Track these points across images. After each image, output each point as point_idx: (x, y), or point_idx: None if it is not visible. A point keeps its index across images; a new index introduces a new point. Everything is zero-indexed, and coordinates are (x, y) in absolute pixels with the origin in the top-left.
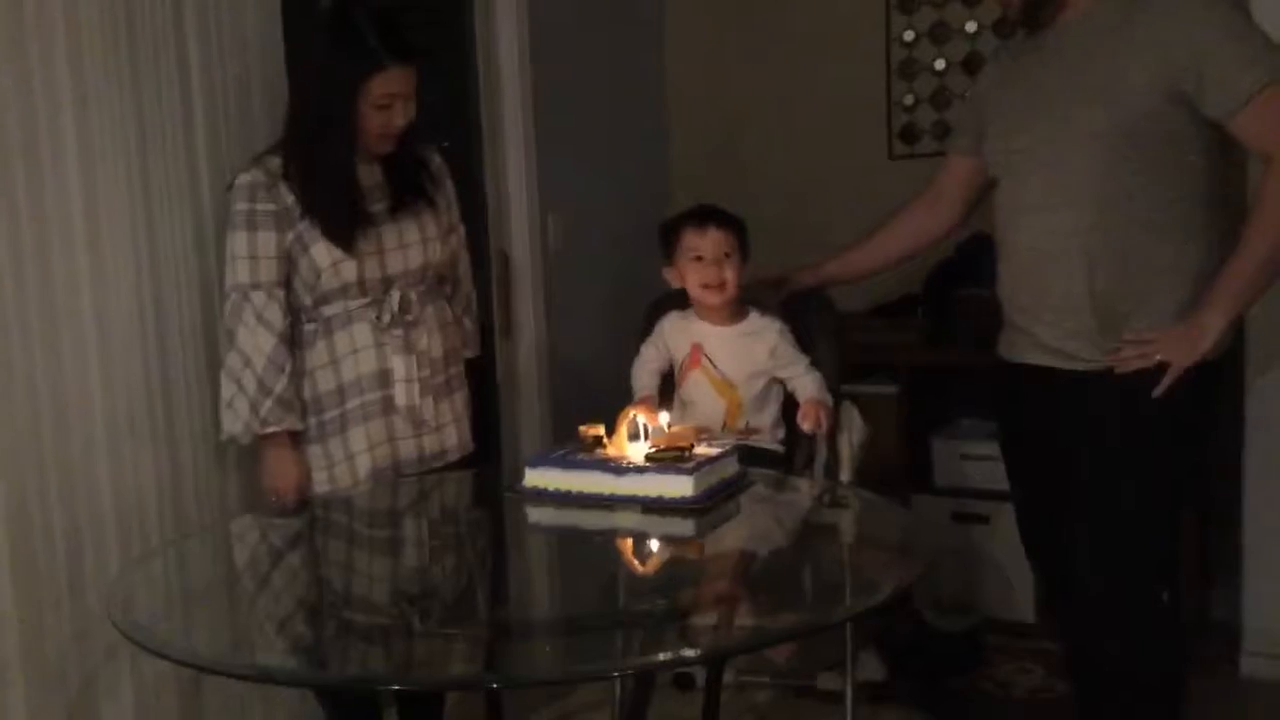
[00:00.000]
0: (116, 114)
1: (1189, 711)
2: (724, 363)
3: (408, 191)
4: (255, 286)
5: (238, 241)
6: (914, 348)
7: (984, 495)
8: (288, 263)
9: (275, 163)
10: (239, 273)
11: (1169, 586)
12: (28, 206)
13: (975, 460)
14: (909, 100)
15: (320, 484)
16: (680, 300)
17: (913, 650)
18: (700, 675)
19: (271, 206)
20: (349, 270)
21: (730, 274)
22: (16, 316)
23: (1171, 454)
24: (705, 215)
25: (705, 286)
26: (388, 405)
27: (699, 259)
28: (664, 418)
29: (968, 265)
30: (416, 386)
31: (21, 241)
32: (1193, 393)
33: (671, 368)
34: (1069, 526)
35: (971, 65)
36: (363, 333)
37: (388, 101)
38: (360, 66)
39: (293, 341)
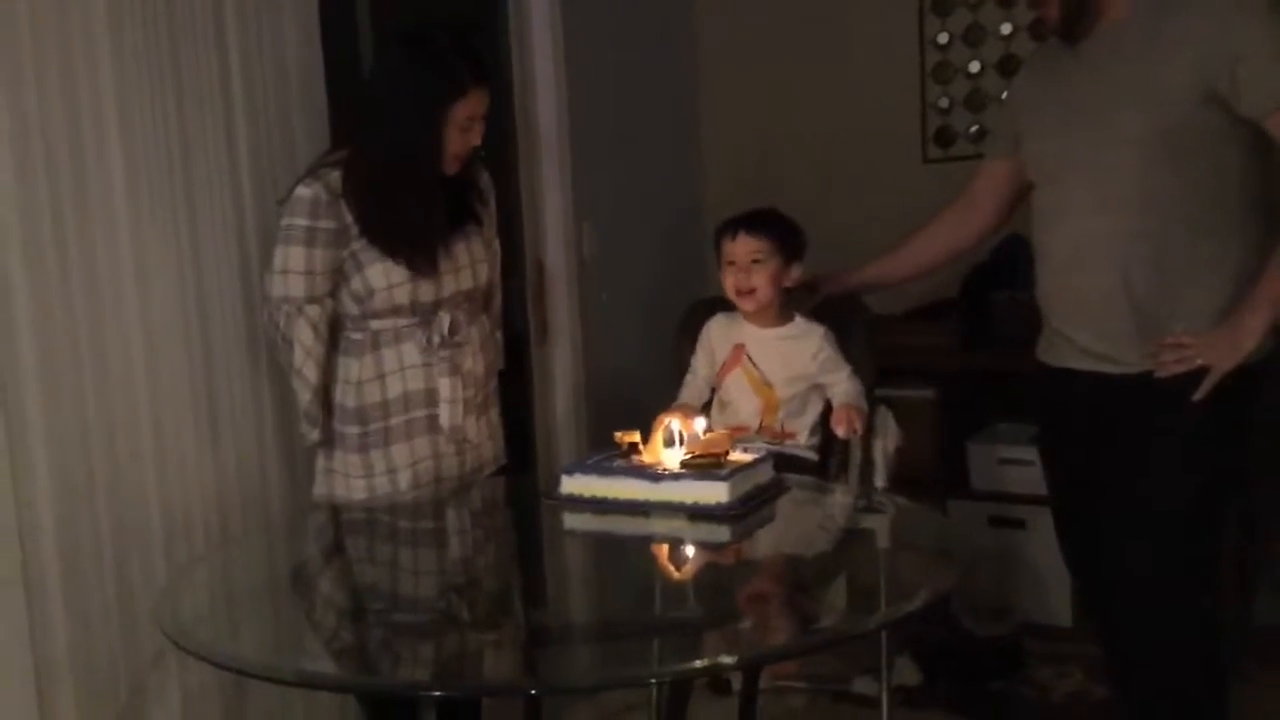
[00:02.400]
0: (160, 130)
1: (1231, 717)
2: (764, 364)
3: (462, 215)
4: (311, 301)
5: (294, 256)
6: (950, 351)
7: (1021, 500)
8: (338, 276)
9: (334, 178)
10: (293, 287)
11: (1209, 592)
12: (74, 222)
13: (1012, 464)
14: (944, 103)
15: (357, 491)
16: (727, 303)
17: (949, 655)
18: (736, 680)
19: (332, 224)
20: (403, 294)
21: (760, 280)
22: (65, 330)
23: (1212, 458)
24: (737, 221)
25: (737, 293)
26: (433, 423)
27: (731, 264)
28: (699, 424)
29: (1004, 268)
30: (461, 407)
31: (68, 256)
32: (1233, 396)
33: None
34: (1108, 531)
35: (1006, 67)
36: (411, 352)
37: (468, 124)
38: (450, 90)
39: (336, 348)
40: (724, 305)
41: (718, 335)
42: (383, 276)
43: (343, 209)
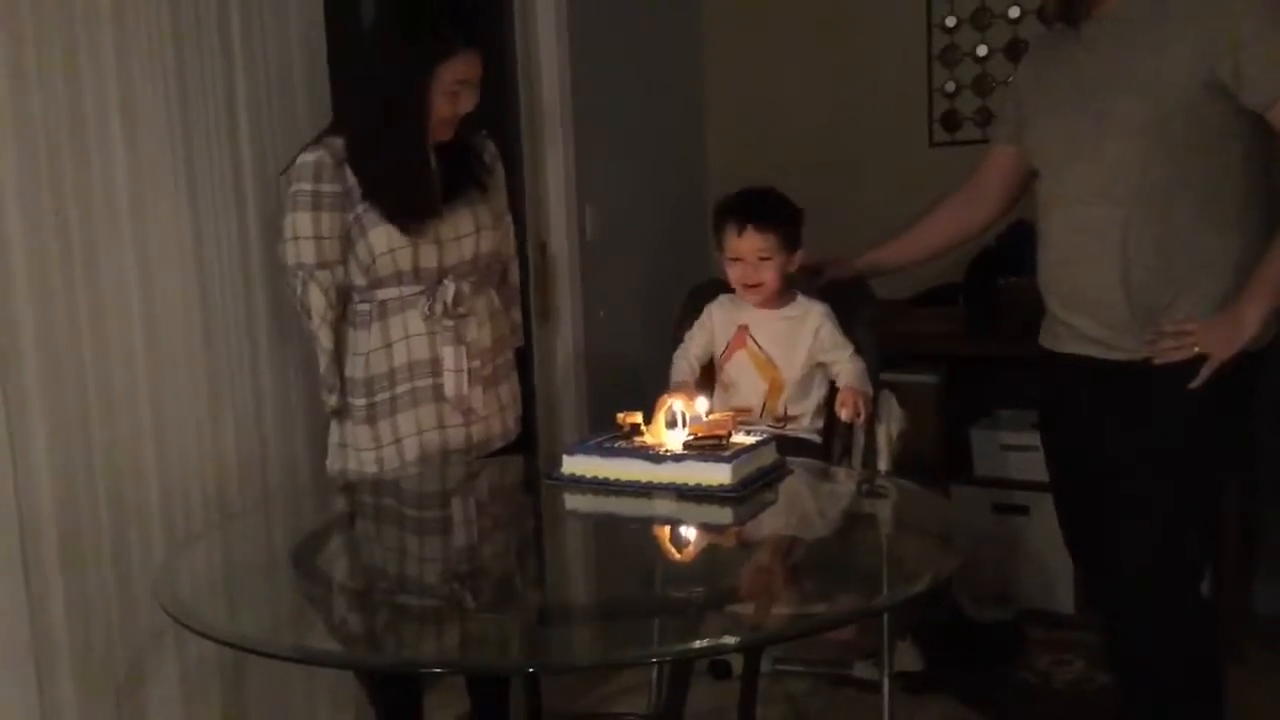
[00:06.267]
0: (161, 103)
1: (1231, 704)
2: (769, 344)
3: (462, 180)
4: (321, 266)
5: (302, 222)
6: (954, 337)
7: (1024, 486)
8: (346, 243)
9: (338, 144)
10: (304, 253)
11: (1207, 578)
12: (75, 198)
13: (1015, 451)
14: (950, 87)
15: (368, 464)
16: (729, 284)
17: (951, 641)
18: (737, 663)
19: (337, 188)
20: (405, 258)
21: (768, 274)
22: (65, 306)
23: (1210, 445)
24: (744, 216)
25: (744, 286)
26: (438, 392)
27: (737, 260)
28: (701, 404)
29: (1009, 254)
30: (465, 377)
31: (69, 231)
32: (1233, 383)
33: (712, 356)
34: (1107, 517)
35: (1014, 51)
36: (415, 320)
37: (457, 88)
38: (434, 52)
39: (345, 320)
40: (726, 287)
41: (720, 318)
42: (384, 240)
43: (347, 173)
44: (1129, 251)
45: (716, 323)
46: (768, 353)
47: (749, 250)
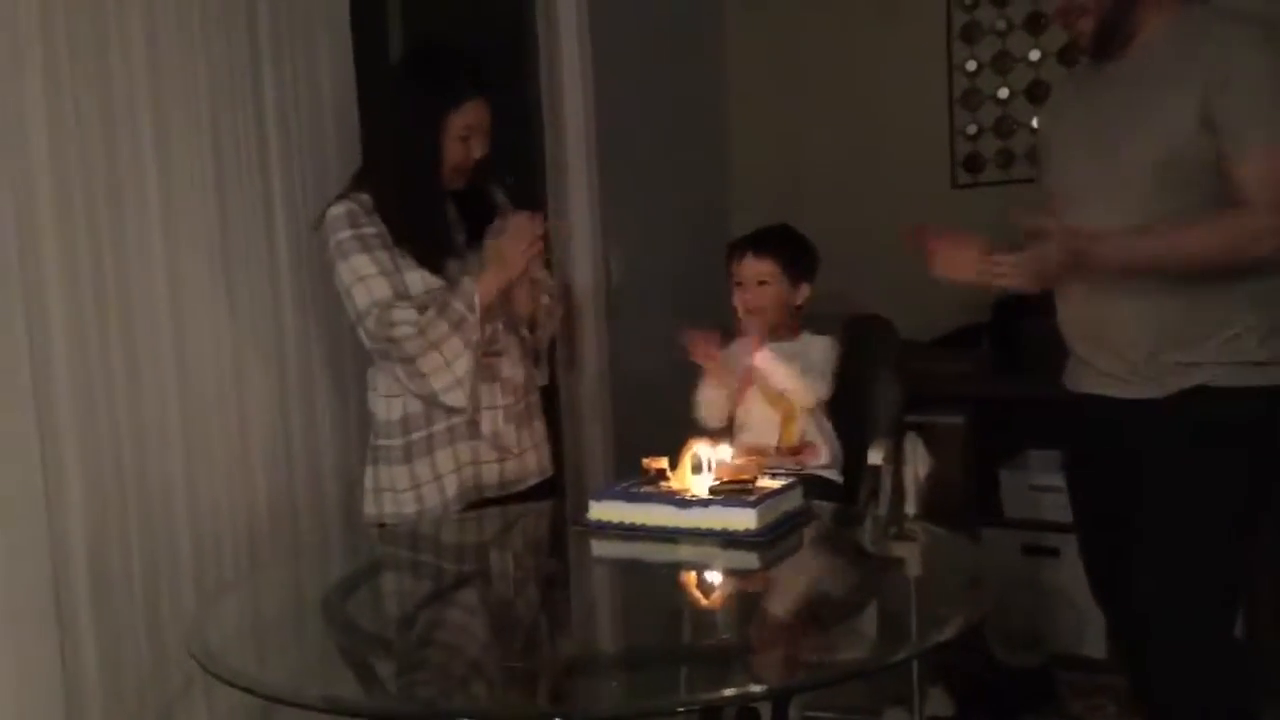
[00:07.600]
0: (195, 150)
1: None
2: (776, 375)
3: (481, 225)
4: (399, 297)
5: (361, 263)
6: (980, 378)
7: (1054, 528)
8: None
9: (364, 199)
10: (376, 289)
11: (1240, 621)
12: (111, 248)
13: (1045, 492)
14: (972, 129)
15: (407, 505)
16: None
17: (982, 686)
18: (766, 710)
19: (374, 230)
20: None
21: (766, 300)
22: (100, 358)
23: (1237, 485)
24: (745, 242)
25: (745, 311)
26: (474, 429)
27: (739, 284)
28: (725, 450)
29: (1035, 294)
30: (501, 414)
31: (105, 283)
32: (1257, 421)
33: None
34: (1131, 561)
35: (1035, 94)
36: None
37: (467, 134)
38: (445, 99)
39: (370, 363)
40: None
41: (731, 362)
42: (420, 282)
43: (377, 219)
44: (1147, 289)
45: (729, 367)
46: (776, 385)
47: (748, 274)
